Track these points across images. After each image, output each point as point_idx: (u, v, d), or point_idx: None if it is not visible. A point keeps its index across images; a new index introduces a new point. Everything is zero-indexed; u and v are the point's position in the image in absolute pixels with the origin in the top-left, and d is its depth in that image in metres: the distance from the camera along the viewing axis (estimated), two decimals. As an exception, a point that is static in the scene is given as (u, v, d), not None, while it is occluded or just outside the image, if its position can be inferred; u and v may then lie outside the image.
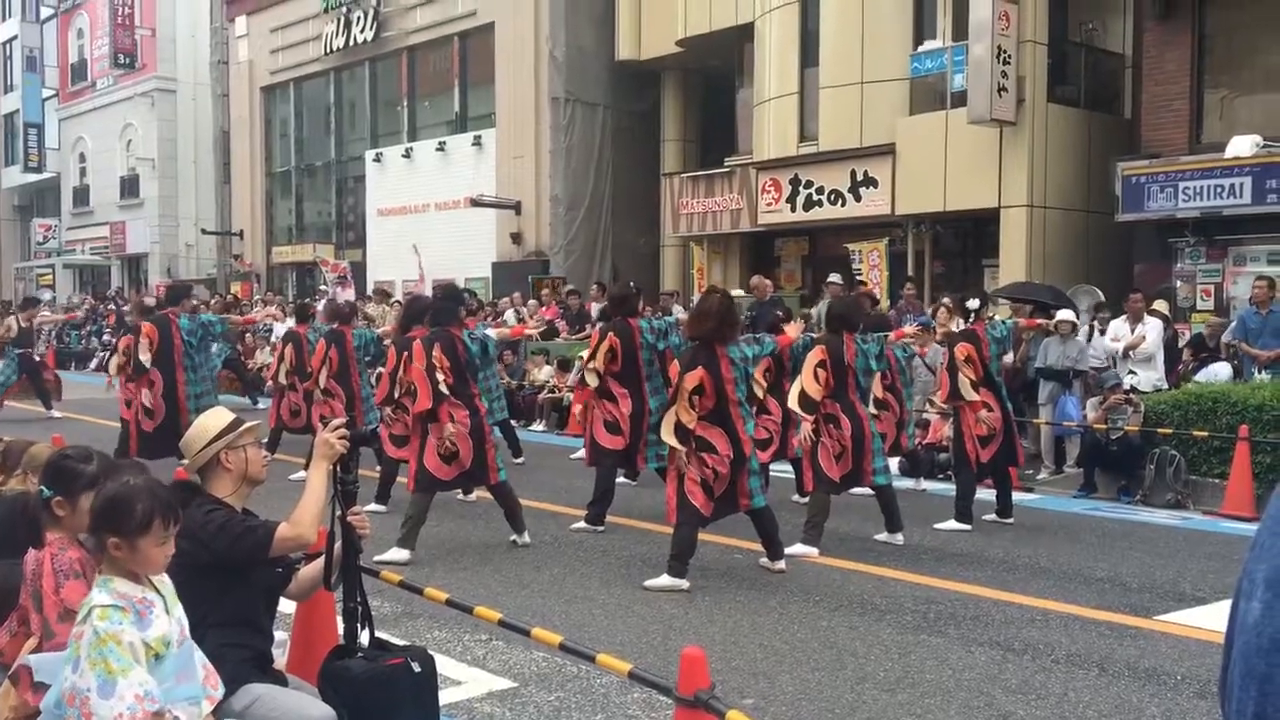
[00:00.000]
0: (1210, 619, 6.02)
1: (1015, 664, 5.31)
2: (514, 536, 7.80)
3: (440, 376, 7.34)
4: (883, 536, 7.99)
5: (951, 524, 8.47)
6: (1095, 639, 5.72)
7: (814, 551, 7.51)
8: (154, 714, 2.59)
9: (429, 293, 22.43)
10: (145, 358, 10.61)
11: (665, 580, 6.61)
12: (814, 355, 7.71)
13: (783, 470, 9.61)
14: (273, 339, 19.61)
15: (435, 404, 7.35)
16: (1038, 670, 5.22)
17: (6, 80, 44.41)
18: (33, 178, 41.97)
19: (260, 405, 15.55)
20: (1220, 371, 11.16)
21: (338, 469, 3.44)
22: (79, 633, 2.64)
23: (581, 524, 8.33)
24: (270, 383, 13.39)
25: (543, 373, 15.58)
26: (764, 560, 7.09)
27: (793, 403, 7.82)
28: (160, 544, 2.77)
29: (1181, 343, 12.42)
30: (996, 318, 10.07)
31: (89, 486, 3.20)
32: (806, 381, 7.64)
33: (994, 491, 8.88)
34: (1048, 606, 6.32)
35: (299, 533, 3.35)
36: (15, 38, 42.63)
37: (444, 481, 7.57)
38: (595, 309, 16.89)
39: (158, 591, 2.80)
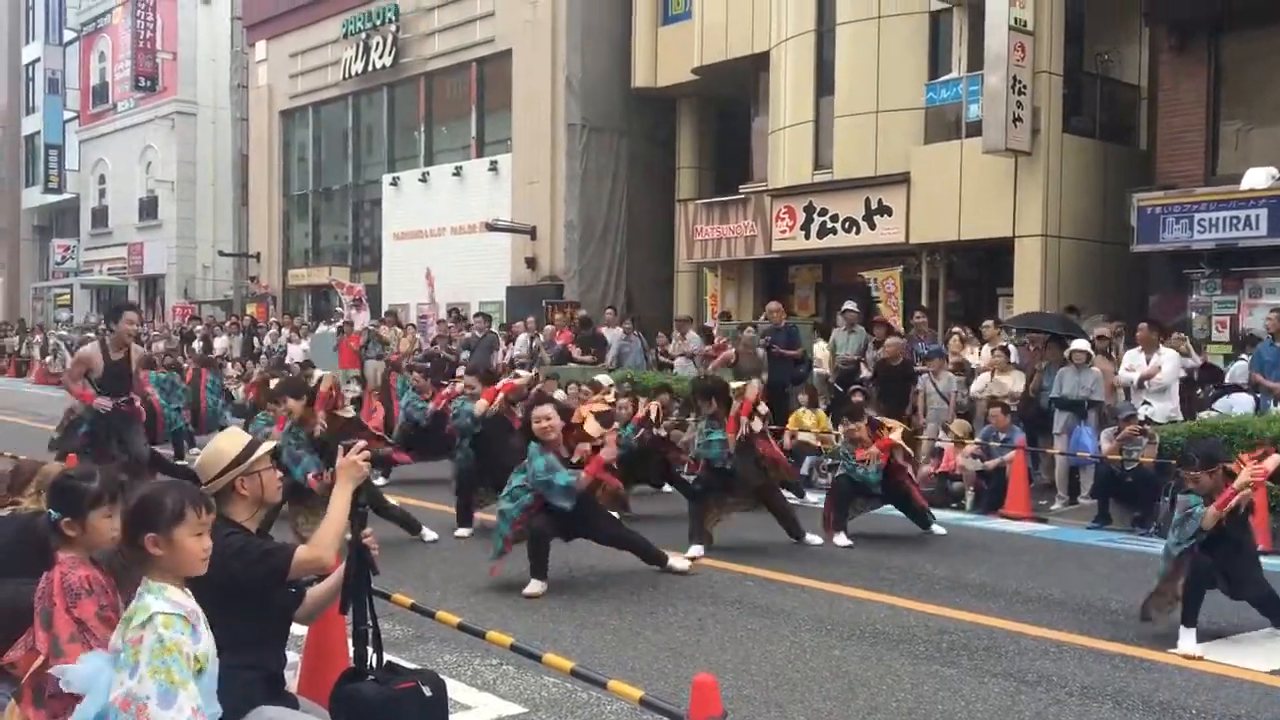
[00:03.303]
0: (1225, 653, 5.97)
1: (1029, 696, 5.27)
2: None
3: None
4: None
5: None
6: (1110, 671, 5.67)
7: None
8: None
9: (442, 314, 22.49)
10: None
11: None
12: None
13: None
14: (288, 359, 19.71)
15: None
16: (1051, 702, 5.18)
17: (28, 102, 44.91)
18: (52, 198, 42.35)
19: None
20: (1238, 403, 11.08)
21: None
22: (137, 638, 2.61)
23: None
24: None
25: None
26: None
27: None
28: (196, 534, 2.78)
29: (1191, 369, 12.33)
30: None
31: (95, 504, 3.22)
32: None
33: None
34: (1061, 638, 6.27)
35: (318, 554, 3.34)
36: (38, 60, 43.14)
37: None
38: (608, 334, 16.90)
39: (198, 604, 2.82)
